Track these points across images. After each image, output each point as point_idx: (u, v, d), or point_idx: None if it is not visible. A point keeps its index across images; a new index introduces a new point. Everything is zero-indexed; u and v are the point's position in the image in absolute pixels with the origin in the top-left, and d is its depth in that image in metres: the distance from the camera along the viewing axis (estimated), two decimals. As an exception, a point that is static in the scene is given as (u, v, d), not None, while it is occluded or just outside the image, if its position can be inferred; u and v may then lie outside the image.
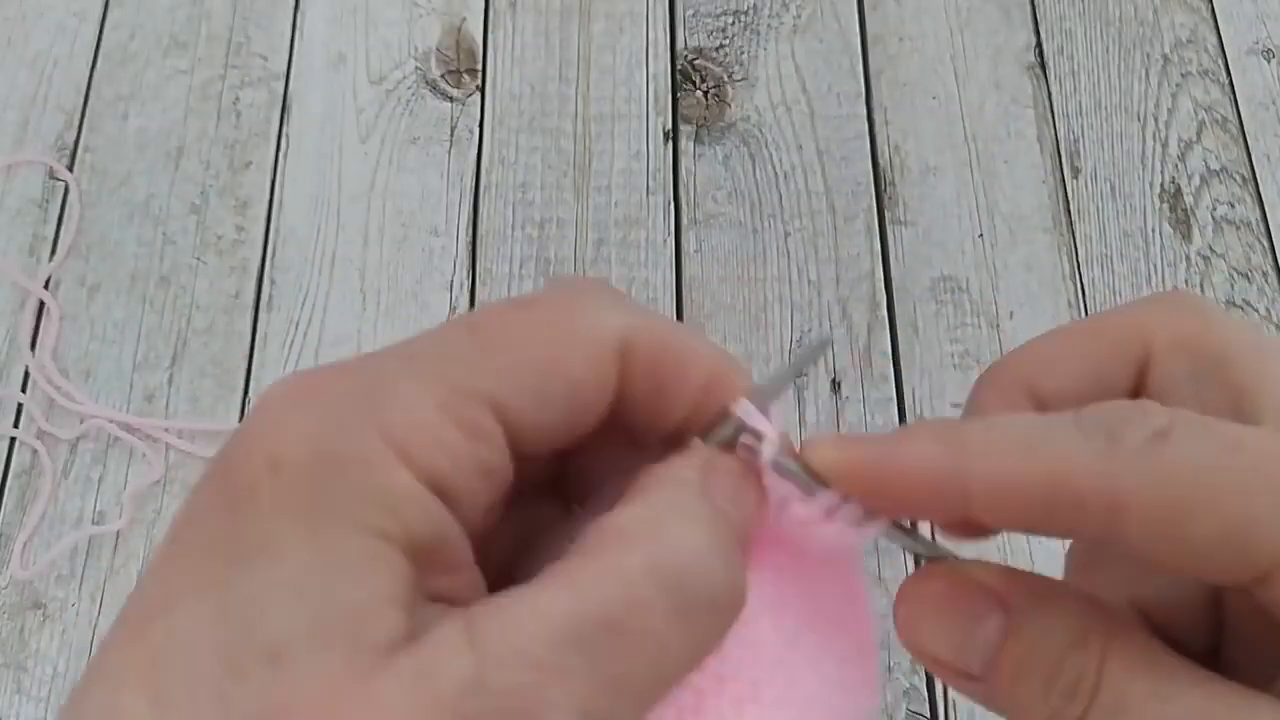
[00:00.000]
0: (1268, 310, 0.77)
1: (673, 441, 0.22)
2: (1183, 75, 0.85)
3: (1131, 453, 0.18)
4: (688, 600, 0.19)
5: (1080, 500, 0.18)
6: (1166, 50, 0.86)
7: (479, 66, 0.84)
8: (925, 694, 0.66)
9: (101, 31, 0.84)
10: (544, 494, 0.24)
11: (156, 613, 0.18)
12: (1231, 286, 0.78)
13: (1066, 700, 0.19)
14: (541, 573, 0.19)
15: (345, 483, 0.18)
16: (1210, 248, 0.79)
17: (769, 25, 0.86)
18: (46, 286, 0.76)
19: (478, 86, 0.83)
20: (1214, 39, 0.86)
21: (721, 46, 0.85)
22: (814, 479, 0.21)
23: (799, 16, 0.86)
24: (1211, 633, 0.21)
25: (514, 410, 0.19)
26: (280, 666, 0.17)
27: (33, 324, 0.75)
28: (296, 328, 0.75)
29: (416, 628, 0.18)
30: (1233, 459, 0.18)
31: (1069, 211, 0.80)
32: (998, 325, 0.76)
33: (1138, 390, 0.22)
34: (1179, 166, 0.82)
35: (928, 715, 0.66)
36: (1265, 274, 0.79)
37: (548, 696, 0.17)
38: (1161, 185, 0.81)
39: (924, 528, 0.24)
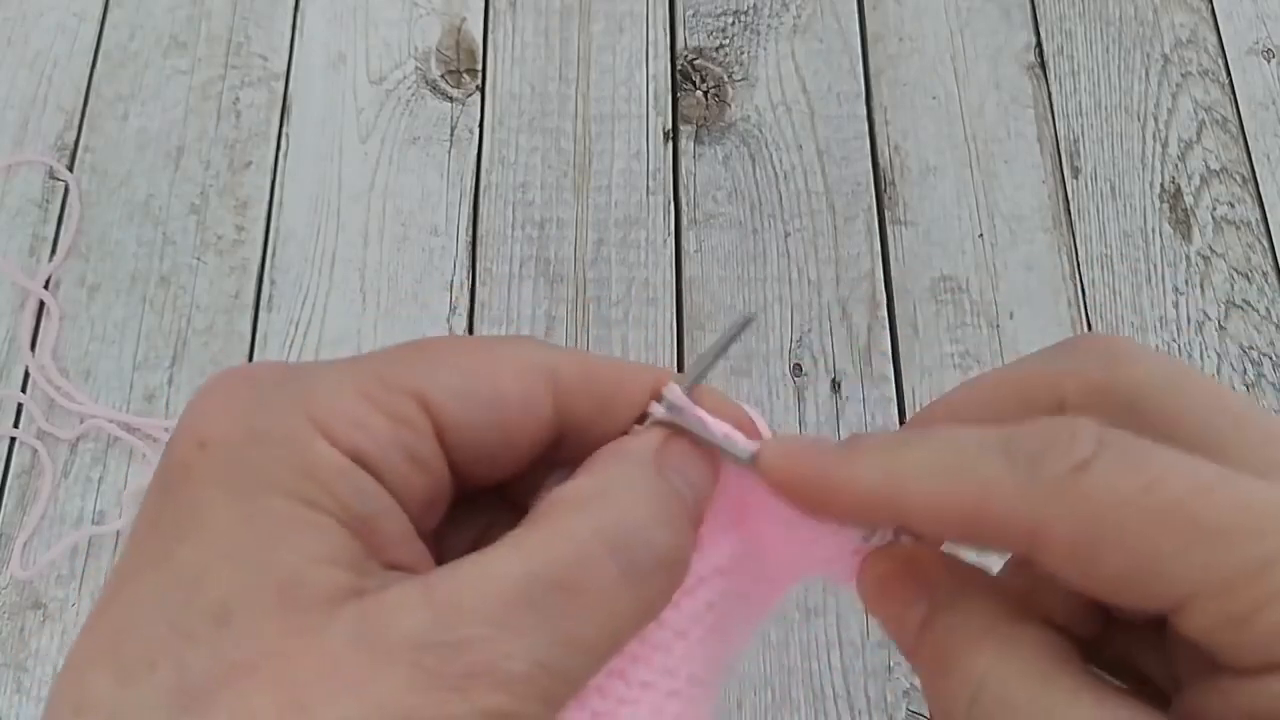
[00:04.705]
0: (1268, 310, 0.77)
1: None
2: (1183, 75, 0.85)
3: (1050, 483, 0.19)
4: (635, 563, 0.20)
5: (1002, 527, 0.20)
6: (1166, 50, 0.86)
7: (479, 66, 0.84)
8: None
9: (101, 31, 0.84)
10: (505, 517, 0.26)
11: (112, 594, 0.19)
12: (1231, 286, 0.78)
13: (956, 695, 0.21)
14: (497, 541, 0.20)
15: (269, 455, 0.19)
16: (1210, 248, 0.79)
17: (769, 25, 0.86)
18: (46, 286, 0.76)
19: (478, 86, 0.83)
20: (1214, 39, 0.86)
21: (721, 46, 0.85)
22: (735, 451, 0.23)
23: (799, 16, 0.86)
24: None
25: (439, 405, 0.21)
26: (228, 626, 0.18)
27: (33, 324, 0.75)
28: (296, 328, 0.75)
29: (369, 588, 0.19)
30: (1144, 499, 0.18)
31: (1069, 211, 0.80)
32: (998, 325, 0.76)
33: None
34: (1179, 166, 0.82)
35: (928, 715, 0.66)
36: (1265, 274, 0.79)
37: (502, 649, 0.18)
38: (1161, 185, 0.81)
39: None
